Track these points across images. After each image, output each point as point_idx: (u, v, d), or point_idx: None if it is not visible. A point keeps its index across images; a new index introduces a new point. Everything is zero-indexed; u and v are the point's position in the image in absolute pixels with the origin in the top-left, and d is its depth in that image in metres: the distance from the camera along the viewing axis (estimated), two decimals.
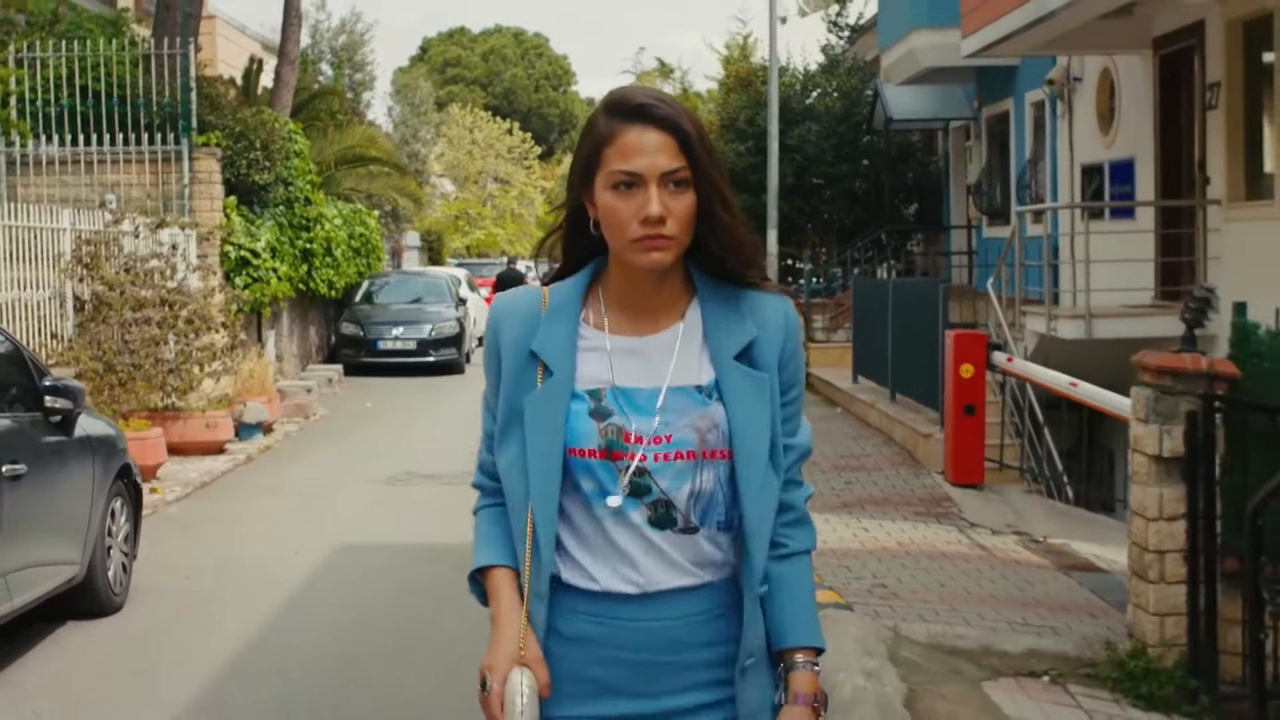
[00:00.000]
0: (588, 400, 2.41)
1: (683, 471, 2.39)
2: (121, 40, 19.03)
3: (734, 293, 2.48)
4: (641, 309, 2.47)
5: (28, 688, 6.50)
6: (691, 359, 2.45)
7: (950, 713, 6.41)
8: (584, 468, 2.39)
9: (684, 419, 2.39)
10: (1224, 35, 13.37)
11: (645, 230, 2.35)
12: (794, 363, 2.51)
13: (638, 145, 2.35)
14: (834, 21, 26.86)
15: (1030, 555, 9.80)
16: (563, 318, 2.46)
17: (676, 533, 2.41)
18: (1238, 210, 13.27)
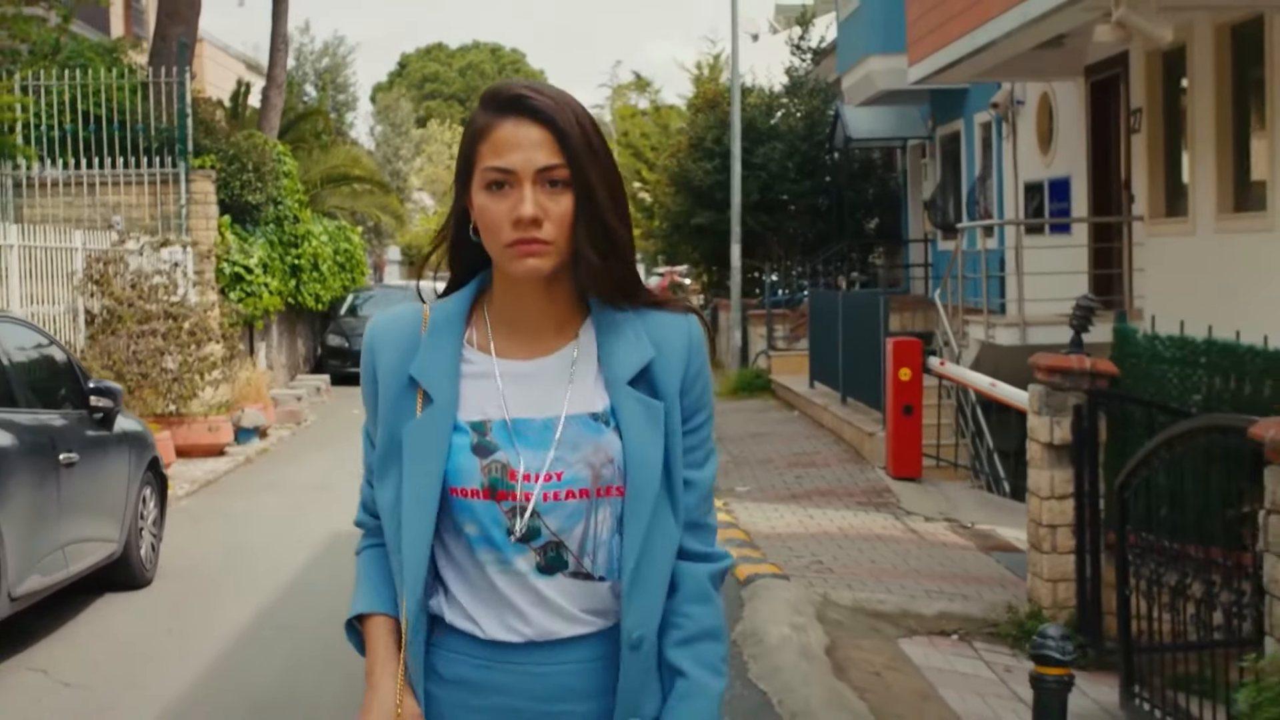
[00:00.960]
0: (470, 433, 2.19)
1: (575, 512, 2.18)
2: (120, 68, 20.11)
3: (633, 312, 2.26)
4: (530, 328, 2.25)
5: (80, 642, 7.63)
6: (587, 384, 2.23)
7: (865, 660, 7.55)
8: (466, 509, 2.18)
9: (577, 453, 2.18)
10: (1144, 65, 14.56)
11: (518, 233, 2.13)
12: (698, 386, 2.29)
13: (511, 139, 2.14)
14: (797, 45, 28.06)
15: (956, 538, 10.96)
16: (444, 339, 2.24)
17: (568, 577, 2.20)
18: (1158, 226, 14.45)
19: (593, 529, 2.19)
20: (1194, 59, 13.38)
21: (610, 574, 2.21)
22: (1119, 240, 15.55)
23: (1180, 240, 13.83)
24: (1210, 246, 13.19)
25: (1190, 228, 13.61)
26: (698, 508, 2.29)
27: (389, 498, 2.22)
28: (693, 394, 2.27)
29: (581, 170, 2.14)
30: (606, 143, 2.22)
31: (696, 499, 2.28)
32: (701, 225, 25.59)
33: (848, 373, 15.88)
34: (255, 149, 20.24)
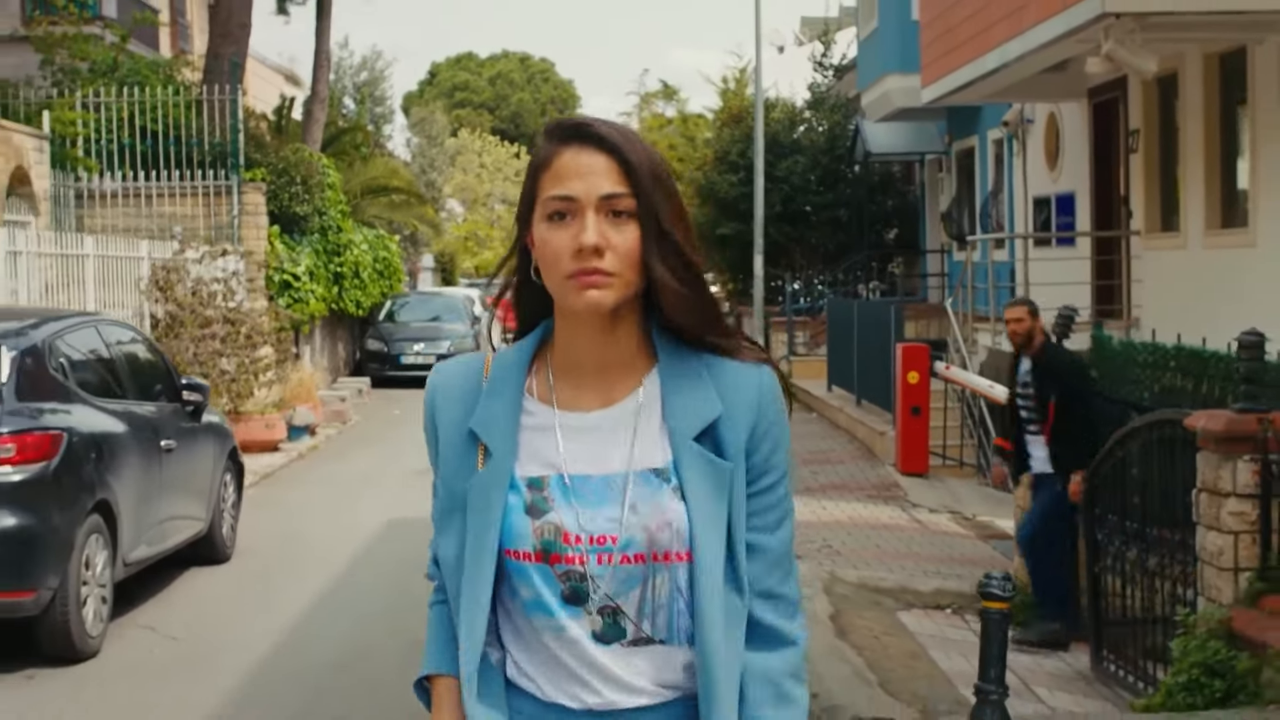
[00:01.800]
0: (526, 492, 2.10)
1: (631, 577, 2.07)
2: (175, 85, 21.26)
3: (702, 359, 2.13)
4: (592, 375, 2.14)
5: (177, 606, 8.73)
6: (650, 437, 2.11)
7: (865, 626, 8.57)
8: (520, 572, 2.09)
9: (635, 516, 2.06)
10: (1142, 89, 15.53)
11: (579, 264, 2.03)
12: (766, 444, 2.12)
13: (573, 166, 2.06)
14: (819, 62, 29.07)
15: (957, 528, 11.98)
16: (504, 390, 2.15)
17: (627, 646, 2.08)
18: (1154, 240, 15.40)
19: (650, 594, 2.07)
20: (1184, 85, 14.35)
21: (672, 638, 2.08)
22: (1118, 253, 16.50)
23: (1173, 253, 14.78)
24: (1200, 259, 14.14)
25: (1182, 242, 14.56)
26: (768, 575, 2.13)
27: (451, 555, 2.15)
28: (760, 452, 2.11)
29: (648, 198, 2.05)
30: (674, 180, 2.15)
31: (764, 566, 2.12)
32: (726, 235, 26.61)
33: (862, 376, 16.89)
34: (303, 163, 21.36)
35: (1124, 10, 11.48)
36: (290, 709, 6.76)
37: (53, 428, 7.21)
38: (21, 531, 6.92)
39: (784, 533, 2.16)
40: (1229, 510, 6.34)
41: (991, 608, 5.16)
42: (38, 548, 6.99)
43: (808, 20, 37.65)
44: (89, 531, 7.36)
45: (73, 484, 7.28)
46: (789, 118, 28.06)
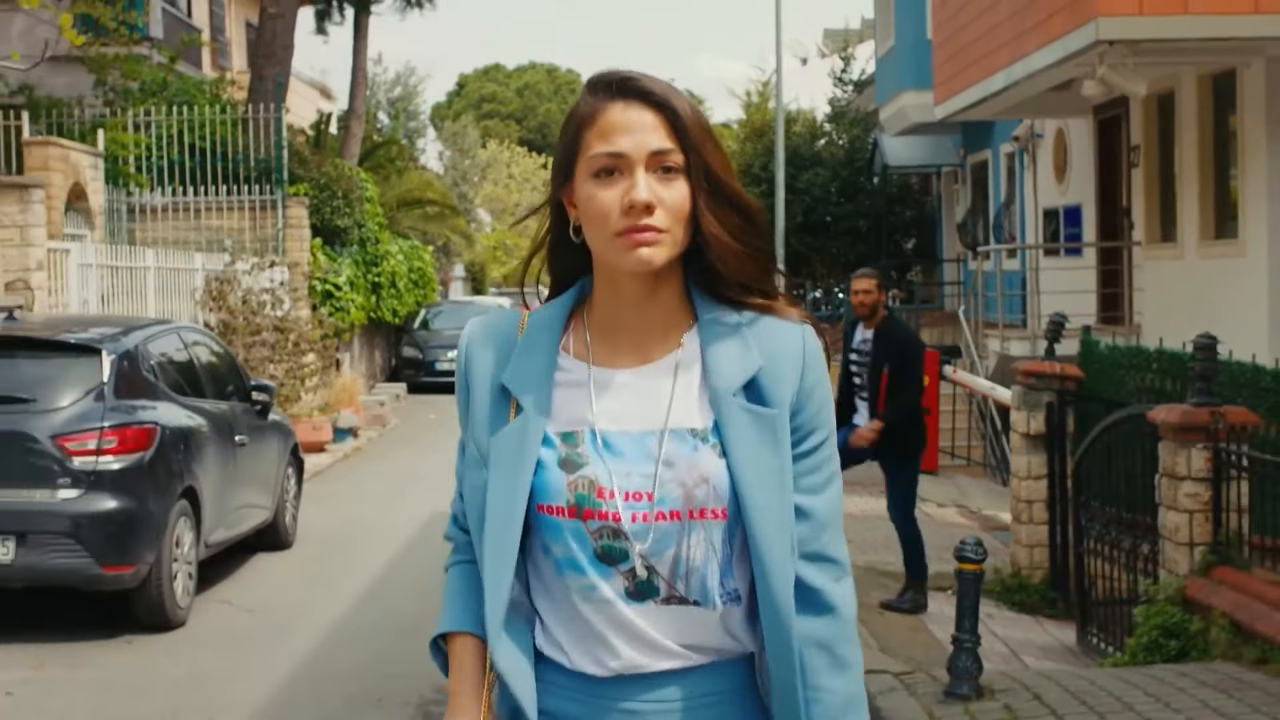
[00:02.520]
0: (559, 447, 2.06)
1: (667, 534, 2.02)
2: (221, 104, 22.27)
3: (742, 316, 2.10)
4: (631, 334, 2.11)
5: (249, 584, 9.68)
6: (690, 397, 2.07)
7: (871, 605, 9.43)
8: (552, 528, 2.05)
9: (670, 471, 2.03)
10: (1142, 107, 16.37)
11: (629, 221, 2.00)
12: (814, 402, 2.09)
13: (622, 122, 2.02)
14: (839, 77, 29.96)
15: (963, 520, 12.84)
16: (539, 346, 2.12)
17: (660, 604, 2.04)
18: (1154, 250, 16.24)
19: (685, 553, 2.02)
20: (1180, 104, 15.20)
21: (706, 599, 2.03)
22: (1121, 262, 17.34)
23: (1171, 263, 15.61)
24: (1195, 269, 14.97)
25: (1179, 252, 15.40)
26: (817, 537, 2.07)
27: (477, 509, 2.10)
28: (807, 410, 2.07)
29: (699, 153, 2.03)
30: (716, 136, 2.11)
31: (813, 527, 2.07)
32: None
33: None
34: (343, 177, 22.34)
35: (1116, 37, 12.36)
36: (355, 669, 7.65)
37: (147, 422, 8.14)
38: (123, 513, 7.85)
39: (833, 492, 2.11)
40: (1185, 492, 7.21)
41: (965, 569, 6.04)
42: (137, 528, 7.92)
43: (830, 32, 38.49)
44: (178, 514, 8.30)
45: (164, 472, 8.22)
46: (810, 131, 28.94)
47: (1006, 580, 10.27)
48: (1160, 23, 12.35)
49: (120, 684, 7.26)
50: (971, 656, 5.99)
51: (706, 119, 2.08)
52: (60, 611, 8.43)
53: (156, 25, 26.21)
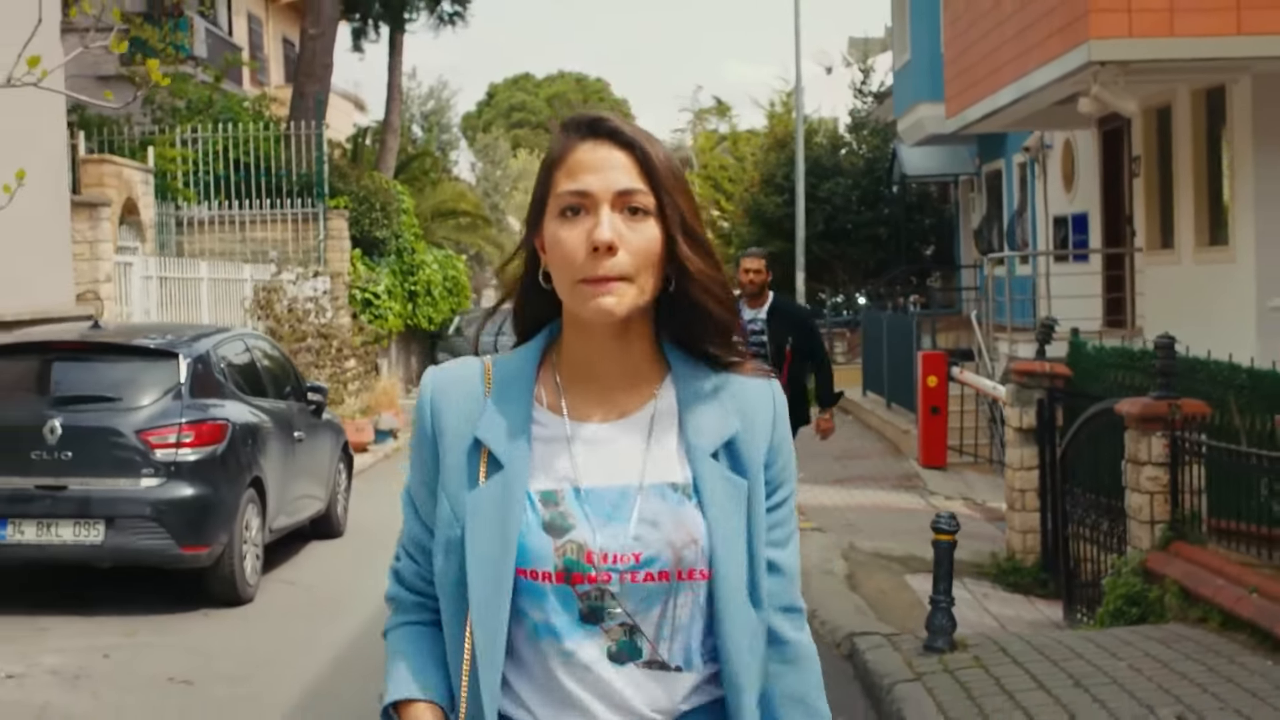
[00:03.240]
0: (541, 507, 1.97)
1: (654, 594, 1.97)
2: (264, 120, 23.29)
3: (716, 375, 2.07)
4: (603, 384, 2.04)
5: (307, 567, 10.64)
6: (667, 450, 2.03)
7: (874, 584, 10.30)
8: (534, 593, 1.96)
9: (657, 532, 1.97)
10: (1143, 120, 17.20)
11: (592, 266, 1.93)
12: (782, 459, 2.11)
13: (589, 161, 1.97)
14: (859, 89, 30.86)
15: (967, 511, 13.66)
16: (512, 398, 2.02)
17: (641, 668, 1.98)
18: (1154, 257, 17.06)
19: (670, 613, 1.99)
20: (1176, 117, 16.04)
21: (688, 664, 2.02)
22: (1123, 268, 18.17)
23: (1170, 268, 16.43)
24: (1191, 274, 15.79)
25: (1177, 258, 16.22)
26: (787, 590, 2.12)
27: (453, 575, 2.01)
28: (776, 466, 2.10)
29: (671, 195, 1.99)
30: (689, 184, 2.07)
31: (783, 582, 2.11)
32: (772, 253, 28.29)
33: (891, 382, 18.65)
34: (380, 190, 23.35)
35: (1108, 59, 13.22)
36: None
37: (219, 419, 9.09)
38: (200, 499, 8.80)
39: (794, 545, 2.14)
40: (1146, 476, 8.07)
41: (940, 539, 6.92)
42: (211, 512, 8.87)
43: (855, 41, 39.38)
44: (247, 501, 9.24)
45: (235, 463, 9.17)
46: (832, 141, 29.84)
47: (1002, 564, 11.11)
48: (1149, 44, 13.20)
49: (200, 650, 8.19)
50: (946, 615, 6.88)
51: (679, 166, 2.04)
52: (145, 587, 9.37)
53: (200, 45, 27.29)
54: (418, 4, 26.46)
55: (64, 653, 7.87)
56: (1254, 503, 7.77)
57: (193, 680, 7.52)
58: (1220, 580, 7.15)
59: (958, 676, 6.36)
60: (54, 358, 9.17)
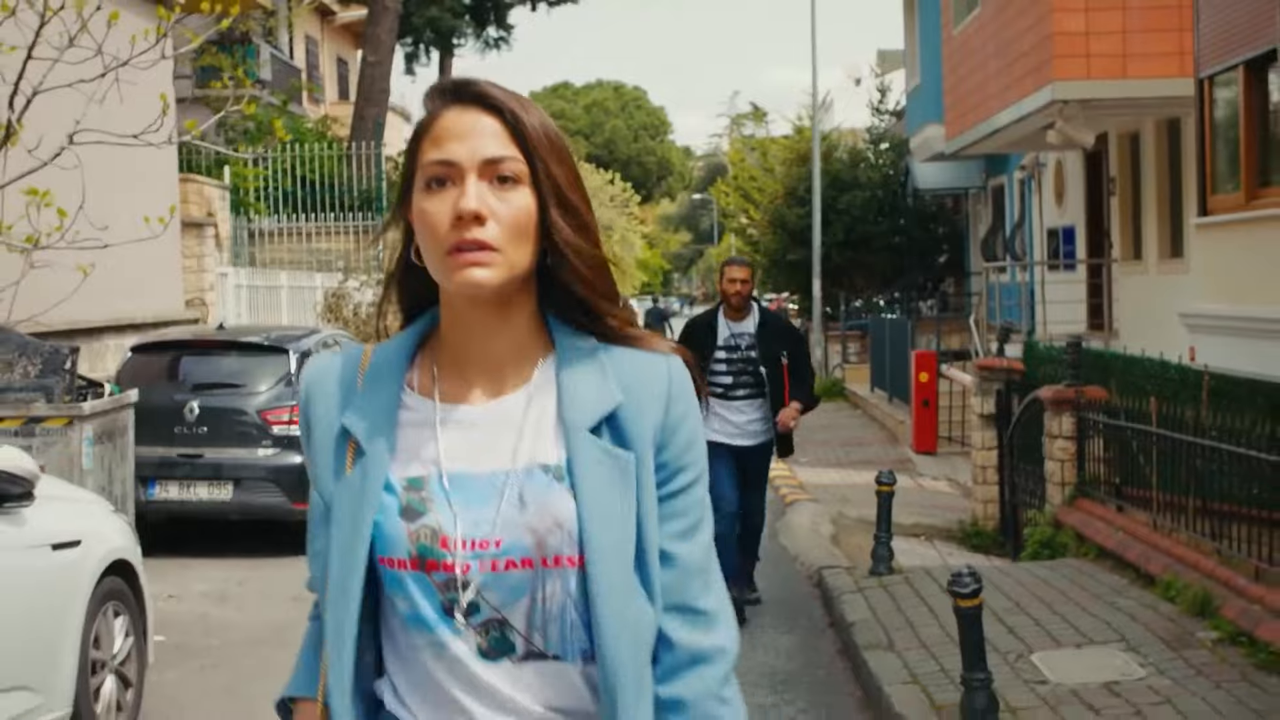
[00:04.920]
0: (401, 493, 1.87)
1: (519, 584, 1.84)
2: (327, 140, 25.56)
3: (602, 348, 1.95)
4: (481, 366, 1.93)
5: None
6: (544, 431, 1.90)
7: (856, 544, 12.41)
8: (394, 581, 1.87)
9: (521, 516, 1.84)
10: (1118, 145, 19.27)
11: (458, 235, 1.81)
12: (681, 438, 1.93)
13: (454, 128, 1.85)
14: (876, 108, 32.92)
15: (948, 489, 15.78)
16: (382, 384, 1.93)
17: (518, 662, 1.86)
18: (1127, 267, 19.12)
19: (540, 604, 1.85)
20: (1143, 144, 18.11)
21: (567, 653, 1.86)
22: (1102, 277, 20.23)
23: (1139, 277, 18.49)
24: (1156, 283, 17.84)
25: (1145, 269, 18.28)
26: (683, 587, 1.92)
27: (319, 566, 1.94)
28: (672, 448, 1.92)
29: (544, 161, 1.86)
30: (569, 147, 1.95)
31: (678, 576, 1.91)
32: (794, 261, 30.51)
33: (893, 379, 20.77)
34: None
35: (1070, 97, 15.35)
36: None
37: None
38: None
39: (702, 538, 1.95)
40: (1058, 447, 10.19)
41: (881, 490, 9.06)
42: None
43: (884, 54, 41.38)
44: None
45: None
46: (851, 157, 31.93)
47: (967, 529, 13.20)
48: (1104, 85, 15.31)
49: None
50: (886, 548, 9.02)
51: (557, 130, 1.92)
52: (265, 536, 11.56)
53: (266, 69, 29.59)
54: (465, 30, 28.64)
55: (208, 581, 10.08)
56: (1145, 470, 9.87)
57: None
58: (1100, 524, 9.27)
59: (889, 590, 8.50)
60: (190, 353, 11.39)
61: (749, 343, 8.57)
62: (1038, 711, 5.79)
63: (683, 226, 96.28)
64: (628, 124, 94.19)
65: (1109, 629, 7.07)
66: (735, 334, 8.59)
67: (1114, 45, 15.24)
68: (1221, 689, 5.95)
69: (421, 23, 31.90)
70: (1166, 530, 8.55)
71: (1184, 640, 6.73)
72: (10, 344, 9.03)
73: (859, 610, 7.98)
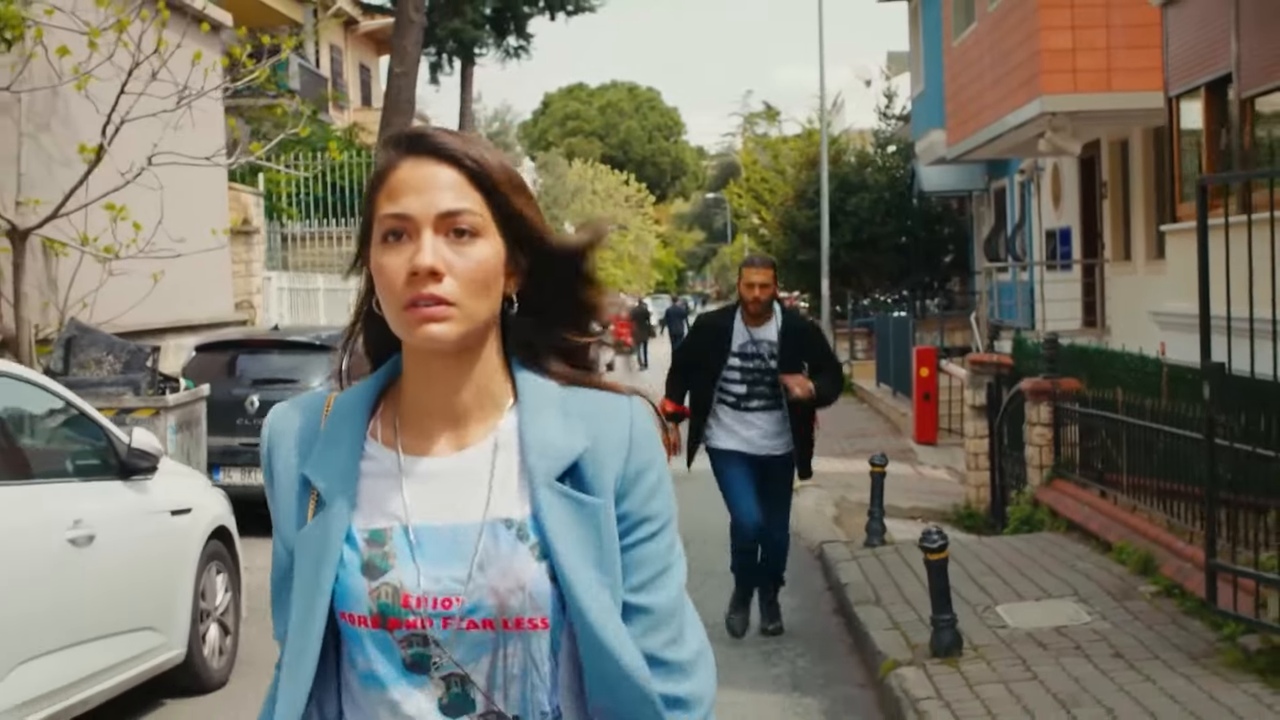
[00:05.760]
0: (362, 548, 1.84)
1: (480, 644, 1.81)
2: (355, 148, 26.69)
3: (566, 391, 1.91)
4: (443, 416, 1.88)
5: None
6: (509, 483, 1.85)
7: (854, 522, 13.50)
8: (354, 638, 1.84)
9: (483, 575, 1.81)
10: (1109, 151, 20.33)
11: (414, 290, 1.78)
12: (643, 487, 1.88)
13: (409, 181, 1.82)
14: (883, 112, 34.00)
15: (946, 476, 16.88)
16: (343, 432, 1.89)
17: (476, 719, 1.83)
18: (1117, 267, 20.18)
19: (501, 663, 1.82)
20: (1132, 152, 19.18)
21: (528, 713, 1.82)
22: (1095, 277, 21.30)
23: (1129, 277, 19.55)
24: (1143, 282, 18.87)
25: (1134, 269, 19.34)
26: (649, 639, 1.86)
27: (284, 620, 1.91)
28: (633, 498, 1.87)
29: (507, 201, 1.84)
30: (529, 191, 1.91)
31: (644, 629, 1.86)
32: (805, 261, 31.60)
33: (896, 374, 21.87)
34: None
35: (1058, 110, 16.43)
36: None
37: None
38: None
39: (669, 589, 1.89)
40: (1037, 433, 11.29)
41: (875, 470, 10.15)
42: None
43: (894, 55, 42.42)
44: None
45: None
46: (860, 160, 33.02)
47: (961, 512, 14.29)
48: (1090, 98, 16.39)
49: None
50: (879, 523, 10.13)
51: (515, 172, 1.88)
52: None
53: (295, 79, 30.74)
54: (486, 40, 29.74)
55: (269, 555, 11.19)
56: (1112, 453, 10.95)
57: None
58: (1071, 501, 10.36)
59: (880, 558, 9.61)
60: (248, 351, 12.52)
61: (770, 351, 7.77)
62: (996, 648, 6.89)
63: (696, 225, 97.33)
64: (642, 125, 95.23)
65: (1066, 586, 8.17)
66: (754, 340, 7.79)
67: (1099, 61, 16.31)
68: (1152, 630, 7.05)
69: (445, 34, 33.00)
70: (1130, 507, 9.63)
71: (1127, 593, 7.84)
72: (100, 344, 10.18)
73: (852, 574, 9.08)
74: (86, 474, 6.41)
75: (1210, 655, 6.48)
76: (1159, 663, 6.43)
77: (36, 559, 5.64)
